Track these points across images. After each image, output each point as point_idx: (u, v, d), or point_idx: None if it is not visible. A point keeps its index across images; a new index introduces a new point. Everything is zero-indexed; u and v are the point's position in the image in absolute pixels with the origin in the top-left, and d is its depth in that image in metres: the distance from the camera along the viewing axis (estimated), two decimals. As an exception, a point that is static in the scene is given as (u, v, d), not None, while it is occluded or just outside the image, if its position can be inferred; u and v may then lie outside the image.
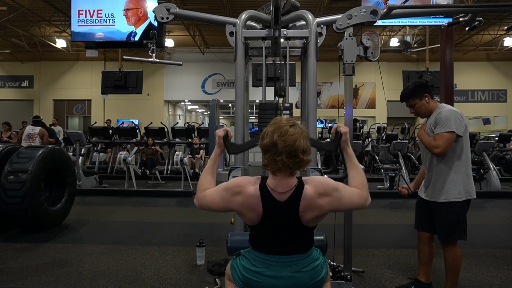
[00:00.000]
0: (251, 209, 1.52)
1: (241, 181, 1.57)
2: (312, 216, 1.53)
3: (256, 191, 1.52)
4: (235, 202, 1.54)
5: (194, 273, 3.27)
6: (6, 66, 16.69)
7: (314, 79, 2.70)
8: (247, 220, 1.58)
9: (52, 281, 3.08)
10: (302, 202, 1.49)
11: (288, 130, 1.48)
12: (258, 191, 1.52)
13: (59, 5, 11.43)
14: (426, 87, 2.69)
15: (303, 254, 1.59)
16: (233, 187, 1.55)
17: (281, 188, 1.51)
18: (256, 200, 1.51)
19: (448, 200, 2.54)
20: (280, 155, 1.47)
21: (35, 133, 7.06)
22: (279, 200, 1.50)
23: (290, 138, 1.46)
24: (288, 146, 1.46)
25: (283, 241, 1.57)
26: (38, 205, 4.37)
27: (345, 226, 2.88)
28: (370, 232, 4.78)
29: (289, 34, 2.70)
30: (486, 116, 17.42)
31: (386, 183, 8.22)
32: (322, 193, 1.51)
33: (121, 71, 8.19)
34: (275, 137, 1.47)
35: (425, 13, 3.04)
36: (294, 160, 1.47)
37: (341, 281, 2.82)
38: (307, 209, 1.50)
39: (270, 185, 1.52)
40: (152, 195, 7.60)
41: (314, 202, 1.50)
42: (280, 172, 1.51)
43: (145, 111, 15.99)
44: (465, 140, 2.56)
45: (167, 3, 2.99)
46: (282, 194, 1.51)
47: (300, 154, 1.47)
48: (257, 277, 1.57)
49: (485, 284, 3.06)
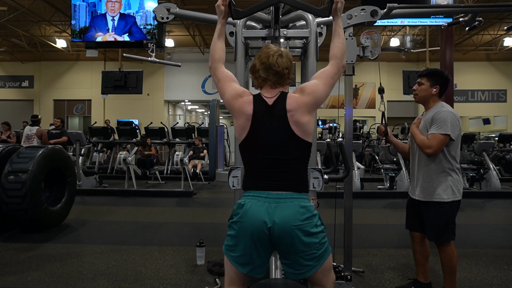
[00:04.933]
0: (243, 112, 1.65)
1: (241, 90, 1.73)
2: (301, 116, 1.61)
3: (250, 98, 1.69)
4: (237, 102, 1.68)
5: (194, 273, 3.27)
6: (6, 66, 16.69)
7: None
8: (238, 125, 1.67)
9: (52, 280, 3.08)
10: (288, 101, 1.63)
11: (265, 50, 1.70)
12: (251, 97, 1.69)
13: (59, 5, 11.43)
14: (445, 81, 2.67)
15: (295, 193, 1.57)
16: (240, 92, 1.71)
17: (270, 94, 1.68)
18: (248, 103, 1.66)
19: (438, 201, 2.54)
20: (258, 71, 1.69)
21: (32, 134, 7.03)
22: (268, 103, 1.65)
23: (264, 54, 1.69)
24: (266, 64, 1.67)
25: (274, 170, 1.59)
26: (38, 205, 4.38)
27: (345, 225, 2.88)
28: (370, 232, 4.78)
29: (289, 34, 2.70)
30: (486, 116, 17.42)
31: (386, 183, 8.22)
32: (304, 91, 1.66)
33: (121, 71, 8.16)
34: (257, 59, 1.71)
35: (425, 13, 3.04)
36: (269, 72, 1.67)
37: (341, 281, 2.83)
38: (294, 108, 1.61)
39: (262, 94, 1.70)
40: (152, 195, 7.60)
41: (300, 99, 1.63)
42: (265, 85, 1.70)
43: (145, 111, 15.99)
44: (456, 143, 2.55)
45: (167, 3, 2.99)
46: (269, 98, 1.66)
47: (274, 67, 1.66)
48: (245, 215, 1.55)
49: (485, 284, 3.06)
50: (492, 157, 9.96)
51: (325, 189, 2.41)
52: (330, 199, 2.83)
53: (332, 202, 2.93)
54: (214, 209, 6.28)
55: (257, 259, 1.58)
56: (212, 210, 6.21)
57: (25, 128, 7.22)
